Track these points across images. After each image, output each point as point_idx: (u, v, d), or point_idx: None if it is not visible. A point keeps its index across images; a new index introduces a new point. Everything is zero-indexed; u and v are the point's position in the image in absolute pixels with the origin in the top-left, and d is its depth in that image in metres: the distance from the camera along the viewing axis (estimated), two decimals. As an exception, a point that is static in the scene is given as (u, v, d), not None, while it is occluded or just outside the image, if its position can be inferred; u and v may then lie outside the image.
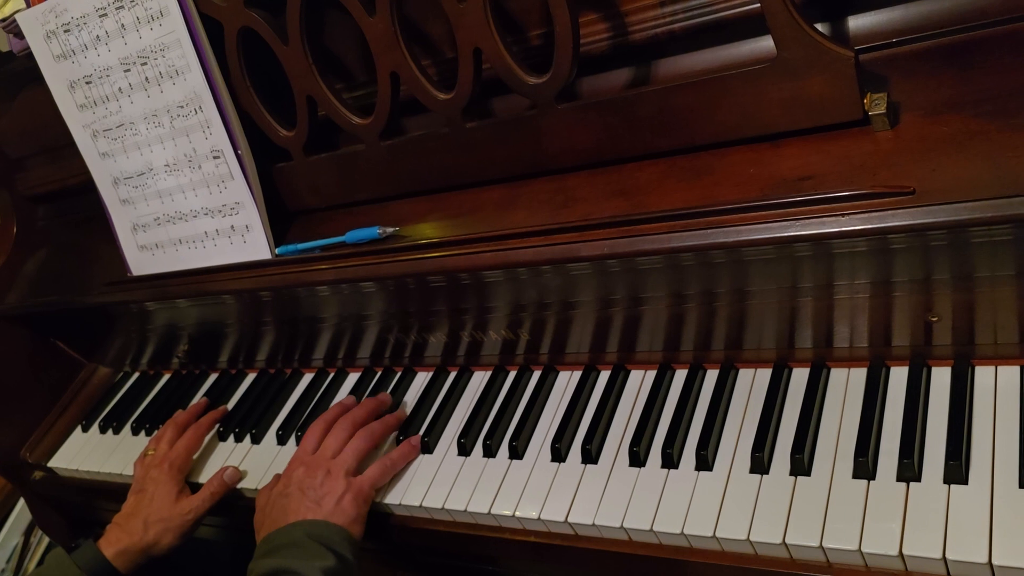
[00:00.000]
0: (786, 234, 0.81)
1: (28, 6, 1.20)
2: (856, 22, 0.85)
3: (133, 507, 1.20)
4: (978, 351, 0.88)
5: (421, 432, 1.13)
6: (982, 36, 0.80)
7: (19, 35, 1.24)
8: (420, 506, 1.05)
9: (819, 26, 0.85)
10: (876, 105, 0.80)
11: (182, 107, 1.13)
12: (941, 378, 0.89)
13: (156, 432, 1.32)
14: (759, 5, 0.80)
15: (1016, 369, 0.86)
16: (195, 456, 1.28)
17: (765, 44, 0.86)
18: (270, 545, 0.99)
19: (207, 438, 1.31)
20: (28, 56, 1.24)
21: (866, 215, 0.77)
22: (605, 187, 0.95)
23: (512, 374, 1.15)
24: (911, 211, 0.75)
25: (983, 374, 0.87)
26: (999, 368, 0.87)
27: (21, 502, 1.97)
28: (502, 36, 0.93)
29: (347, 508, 1.02)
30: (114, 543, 1.16)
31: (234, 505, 1.24)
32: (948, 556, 0.75)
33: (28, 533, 2.04)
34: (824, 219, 0.79)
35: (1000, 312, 0.83)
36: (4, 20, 1.26)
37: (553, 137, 0.97)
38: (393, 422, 1.15)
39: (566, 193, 0.97)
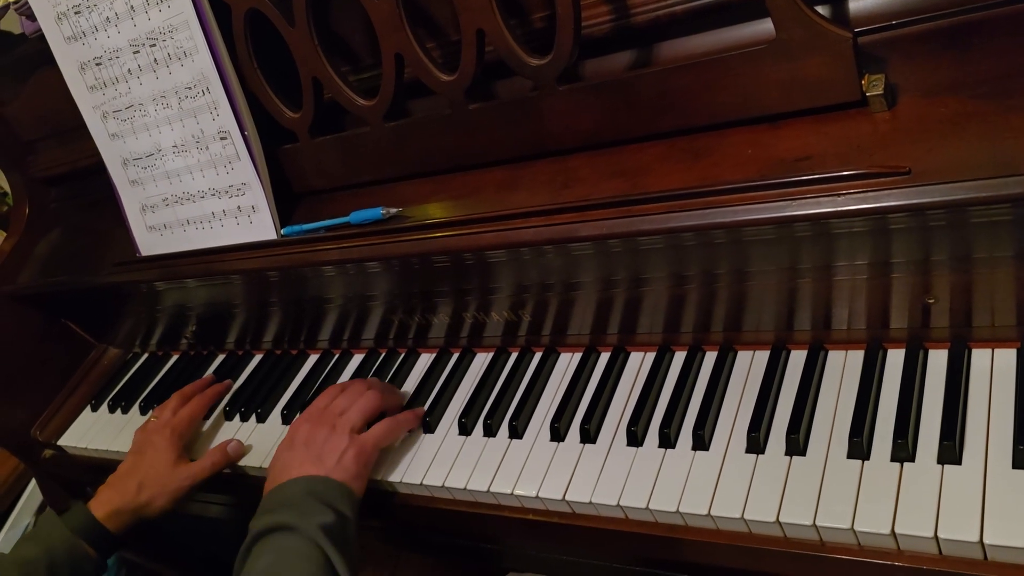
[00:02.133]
0: (783, 214, 0.81)
1: (40, -12, 1.21)
2: (856, 4, 0.86)
3: (129, 468, 1.22)
4: (975, 334, 0.88)
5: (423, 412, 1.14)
6: (981, 18, 0.80)
7: (31, 17, 1.25)
8: (421, 484, 1.06)
9: (819, 8, 0.85)
10: (874, 86, 0.80)
11: (190, 88, 1.14)
12: (938, 360, 0.89)
13: (163, 403, 1.33)
14: (759, -14, 0.81)
15: (1013, 352, 0.86)
16: (198, 426, 1.30)
17: (766, 26, 0.87)
18: (271, 502, 1.00)
19: (213, 415, 1.33)
20: (40, 38, 1.26)
21: (862, 195, 0.77)
22: (605, 168, 0.95)
23: (514, 355, 1.16)
24: (906, 191, 0.75)
25: (979, 356, 0.87)
26: (996, 351, 0.87)
27: (33, 483, 1.99)
28: (505, 18, 0.93)
29: (348, 465, 1.02)
30: (105, 504, 1.17)
31: (240, 483, 1.26)
32: (940, 535, 0.75)
33: (39, 513, 2.07)
34: (821, 199, 0.79)
35: (997, 294, 0.83)
36: (17, 2, 1.28)
37: (554, 118, 0.97)
38: (400, 396, 1.16)
39: (567, 174, 0.98)
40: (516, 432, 1.05)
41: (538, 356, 1.14)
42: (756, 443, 0.90)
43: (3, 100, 1.49)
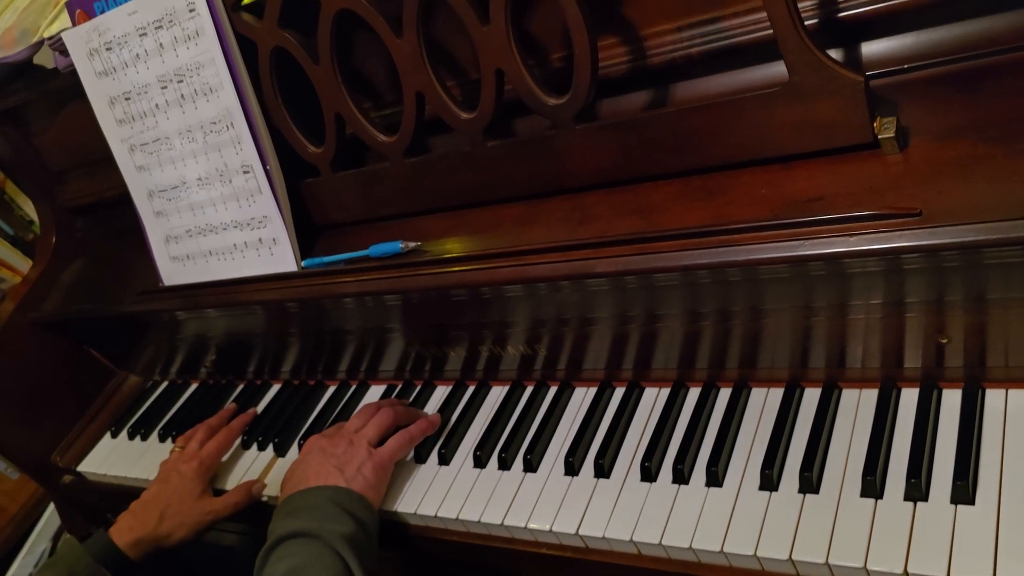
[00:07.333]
0: (796, 253, 0.82)
1: (73, 25, 1.25)
2: (868, 48, 0.87)
3: (153, 496, 1.23)
4: (989, 374, 0.88)
5: (439, 444, 1.15)
6: (991, 64, 0.81)
7: (64, 52, 1.29)
8: (435, 516, 1.07)
9: (832, 52, 0.87)
10: (886, 129, 0.82)
11: (215, 123, 1.17)
12: (951, 400, 0.89)
13: (186, 432, 1.35)
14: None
15: (1027, 393, 0.86)
16: (224, 459, 1.31)
17: (779, 69, 0.88)
18: (292, 506, 1.01)
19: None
20: (72, 73, 1.29)
21: (873, 235, 0.78)
22: (621, 205, 0.97)
23: (529, 389, 1.17)
24: (917, 232, 0.76)
25: (993, 397, 0.88)
26: (1010, 391, 0.87)
27: (50, 508, 2.01)
28: (524, 58, 0.96)
29: (367, 475, 1.05)
30: (126, 532, 1.18)
31: (257, 513, 1.26)
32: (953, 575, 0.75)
33: (56, 539, 2.08)
34: (833, 239, 0.80)
35: (1011, 335, 0.84)
36: (51, 38, 1.31)
37: (571, 156, 0.99)
38: (422, 415, 1.18)
39: (583, 211, 1.00)
40: (530, 466, 1.06)
41: (553, 390, 1.15)
42: (769, 480, 0.90)
43: (35, 132, 1.53)
